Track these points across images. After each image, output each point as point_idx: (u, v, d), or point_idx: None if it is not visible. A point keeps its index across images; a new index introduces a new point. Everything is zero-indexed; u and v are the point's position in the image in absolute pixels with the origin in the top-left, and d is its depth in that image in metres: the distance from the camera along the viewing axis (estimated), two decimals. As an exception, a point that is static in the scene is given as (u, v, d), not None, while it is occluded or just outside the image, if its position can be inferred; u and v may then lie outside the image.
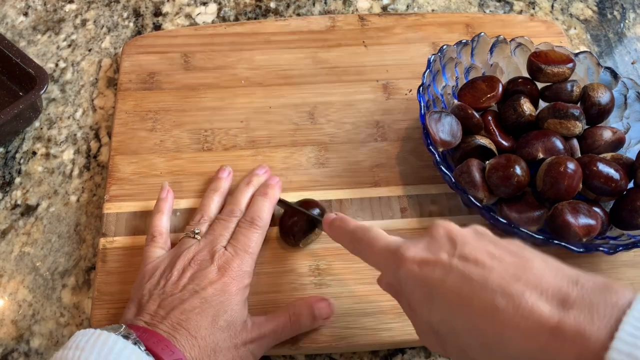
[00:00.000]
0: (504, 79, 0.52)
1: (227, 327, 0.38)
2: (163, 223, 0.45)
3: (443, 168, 0.45)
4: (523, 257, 0.29)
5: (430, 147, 0.46)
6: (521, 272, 0.28)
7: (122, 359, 0.31)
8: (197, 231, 0.43)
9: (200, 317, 0.37)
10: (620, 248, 0.42)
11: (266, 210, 0.45)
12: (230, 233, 0.43)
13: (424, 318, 0.31)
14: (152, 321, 0.36)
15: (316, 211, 0.46)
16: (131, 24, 0.63)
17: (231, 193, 0.48)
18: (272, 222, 0.48)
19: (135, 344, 0.33)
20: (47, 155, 0.54)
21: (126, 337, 0.33)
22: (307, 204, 0.47)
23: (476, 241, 0.31)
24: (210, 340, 0.36)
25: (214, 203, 0.46)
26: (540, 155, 0.46)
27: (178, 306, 0.37)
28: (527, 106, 0.48)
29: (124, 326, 0.35)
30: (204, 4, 0.65)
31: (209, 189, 0.48)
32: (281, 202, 0.47)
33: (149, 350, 0.34)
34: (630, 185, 0.46)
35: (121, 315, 0.43)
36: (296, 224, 0.45)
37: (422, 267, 0.31)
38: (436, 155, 0.45)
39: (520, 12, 0.67)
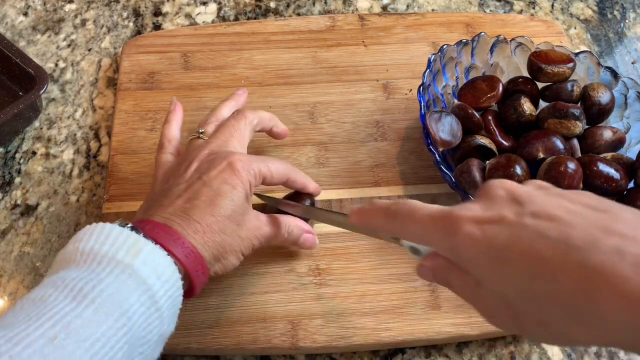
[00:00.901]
0: (504, 79, 0.52)
1: (231, 216, 0.37)
2: (172, 131, 0.45)
3: (443, 168, 0.45)
4: (606, 209, 0.25)
5: (431, 147, 0.46)
6: (611, 223, 0.23)
7: (119, 242, 0.32)
8: (201, 130, 0.43)
9: (204, 205, 0.36)
10: (621, 248, 0.42)
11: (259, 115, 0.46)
12: (241, 135, 0.43)
13: (494, 288, 0.26)
14: (153, 212, 0.36)
15: (307, 202, 0.45)
16: (131, 24, 0.63)
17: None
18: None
19: (132, 230, 0.33)
20: (47, 155, 0.54)
21: (123, 226, 0.34)
22: (298, 195, 0.46)
23: (546, 197, 0.26)
24: (216, 227, 0.36)
25: (227, 109, 0.46)
26: (541, 155, 0.46)
27: (182, 195, 0.37)
28: (527, 106, 0.48)
29: (120, 219, 0.35)
30: (204, 3, 0.65)
31: (222, 101, 0.48)
32: (270, 199, 0.46)
33: (147, 236, 0.34)
34: (631, 185, 0.46)
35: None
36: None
37: (485, 228, 0.26)
38: (436, 155, 0.45)
39: (521, 11, 0.67)
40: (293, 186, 0.44)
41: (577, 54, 0.51)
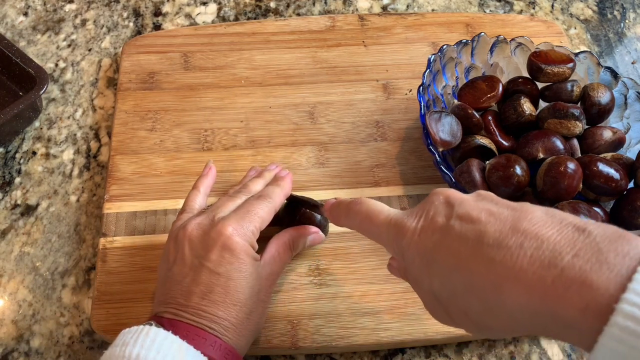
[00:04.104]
0: (504, 79, 0.52)
1: (250, 293, 0.37)
2: (197, 200, 0.44)
3: (443, 168, 0.45)
4: (522, 209, 0.27)
5: (430, 147, 0.46)
6: (519, 223, 0.26)
7: (164, 348, 0.32)
8: None
9: (221, 297, 0.36)
10: (621, 248, 0.42)
11: (277, 193, 0.43)
12: (236, 206, 0.41)
13: (425, 286, 0.30)
14: (177, 311, 0.36)
15: (318, 217, 0.46)
16: (131, 24, 0.63)
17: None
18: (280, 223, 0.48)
19: (173, 334, 0.34)
20: (47, 155, 0.54)
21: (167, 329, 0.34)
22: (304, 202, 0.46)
23: (475, 201, 0.29)
24: (241, 315, 0.37)
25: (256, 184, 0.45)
26: (541, 155, 0.46)
27: (194, 291, 0.36)
28: (527, 106, 0.48)
29: (153, 323, 0.35)
30: (204, 3, 0.65)
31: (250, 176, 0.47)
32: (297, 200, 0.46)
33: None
34: (631, 185, 0.46)
35: (123, 314, 0.43)
36: (322, 224, 0.46)
37: (421, 234, 0.30)
38: (436, 155, 0.45)
39: (520, 12, 0.67)
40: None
41: (577, 54, 0.51)
